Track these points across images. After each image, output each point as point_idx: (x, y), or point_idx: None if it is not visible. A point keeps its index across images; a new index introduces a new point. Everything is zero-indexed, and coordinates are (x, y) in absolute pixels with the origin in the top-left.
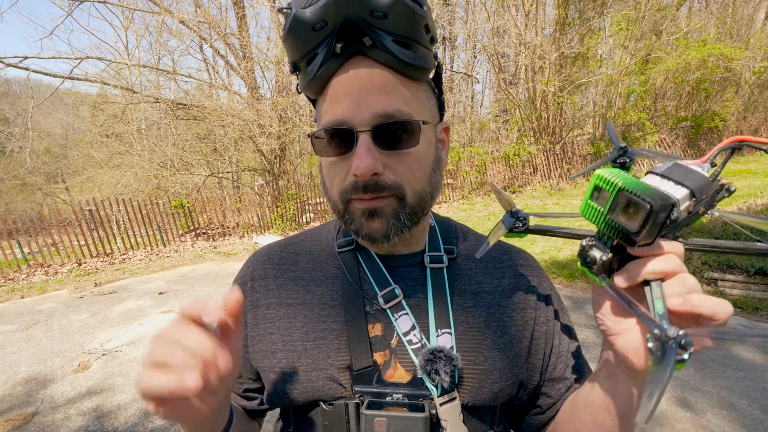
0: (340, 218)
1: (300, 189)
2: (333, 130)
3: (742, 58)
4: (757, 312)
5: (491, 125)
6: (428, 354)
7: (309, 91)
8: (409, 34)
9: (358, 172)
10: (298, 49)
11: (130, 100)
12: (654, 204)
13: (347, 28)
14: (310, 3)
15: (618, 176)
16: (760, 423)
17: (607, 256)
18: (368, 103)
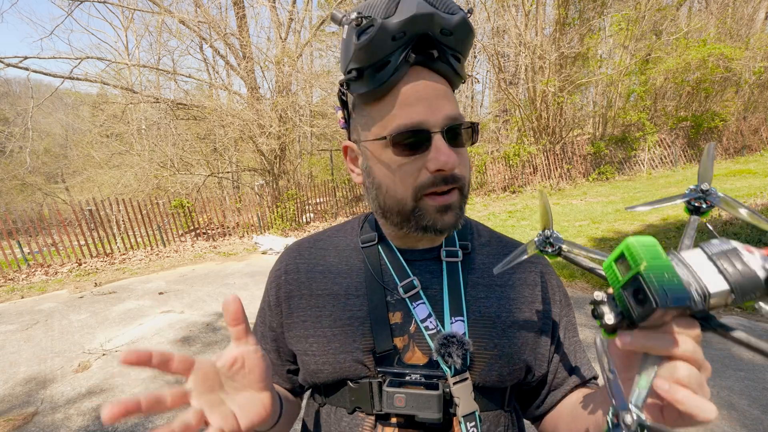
0: (403, 216)
1: (300, 189)
2: (410, 131)
3: (742, 58)
4: (757, 312)
5: (491, 125)
6: (442, 339)
7: (368, 96)
8: (463, 50)
9: (446, 166)
10: (374, 55)
11: (130, 100)
12: (661, 303)
13: (422, 40)
14: (389, 14)
15: (647, 255)
16: (760, 423)
17: (611, 320)
18: (439, 107)
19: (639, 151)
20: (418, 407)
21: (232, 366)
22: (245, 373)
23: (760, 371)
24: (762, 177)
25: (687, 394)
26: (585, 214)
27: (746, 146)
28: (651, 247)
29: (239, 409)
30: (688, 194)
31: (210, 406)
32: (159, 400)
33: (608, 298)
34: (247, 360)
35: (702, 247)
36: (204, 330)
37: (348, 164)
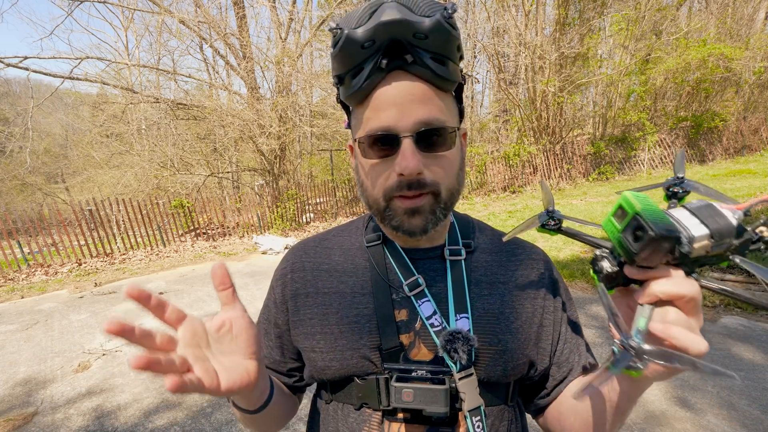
0: (380, 215)
1: (300, 189)
2: (379, 135)
3: (742, 58)
4: (757, 312)
5: (491, 125)
6: (448, 335)
7: (350, 100)
8: (444, 52)
9: (405, 171)
10: (346, 64)
11: (130, 100)
12: (657, 232)
13: (392, 46)
14: (360, 24)
15: (641, 202)
16: (760, 423)
17: (613, 269)
18: (411, 111)
19: (639, 151)
20: (425, 402)
21: (219, 329)
22: (232, 337)
23: (760, 371)
24: (762, 177)
25: (679, 330)
26: (585, 214)
27: (746, 146)
28: (644, 198)
29: (222, 370)
30: (668, 181)
31: (194, 358)
32: (150, 335)
33: (608, 252)
34: (235, 324)
35: (685, 206)
36: None
37: (352, 162)
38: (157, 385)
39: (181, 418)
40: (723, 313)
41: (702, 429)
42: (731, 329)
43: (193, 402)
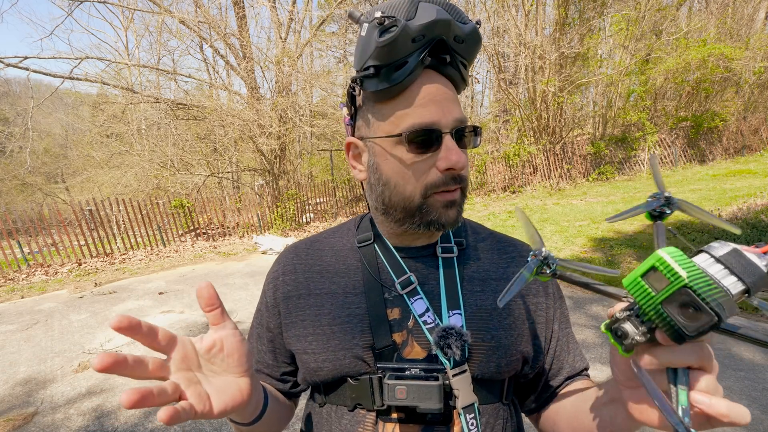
0: (411, 211)
1: (300, 189)
2: (425, 131)
3: (742, 58)
4: (757, 312)
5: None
6: (441, 331)
7: (382, 94)
8: (470, 58)
9: (457, 166)
10: (392, 55)
11: (130, 100)
12: (722, 316)
13: (438, 45)
14: (410, 17)
15: (682, 264)
16: (760, 423)
17: (642, 337)
18: (450, 109)
19: (639, 151)
20: (419, 398)
21: (210, 350)
22: (224, 356)
23: (760, 371)
24: (762, 177)
25: (723, 402)
26: (585, 214)
27: (746, 146)
28: (682, 257)
29: (214, 392)
30: (654, 203)
31: (187, 383)
32: (142, 363)
33: (633, 314)
34: (226, 343)
35: (708, 251)
36: (204, 330)
37: (350, 161)
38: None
39: None
40: None
41: None
42: None
43: None
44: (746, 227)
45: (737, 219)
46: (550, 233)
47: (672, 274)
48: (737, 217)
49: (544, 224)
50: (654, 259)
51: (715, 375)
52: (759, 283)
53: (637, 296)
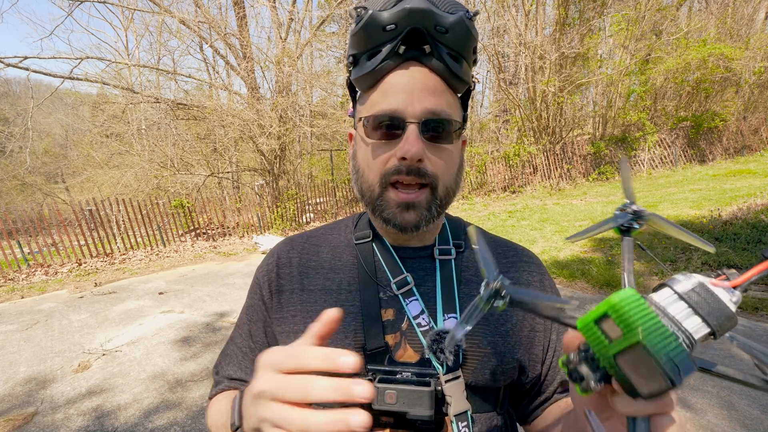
0: (372, 203)
1: (300, 189)
2: (385, 117)
3: (742, 58)
4: (757, 312)
5: (491, 125)
6: (435, 335)
7: (361, 82)
8: (461, 50)
9: (408, 154)
10: (365, 44)
11: (130, 100)
12: (677, 382)
13: (413, 34)
14: (386, 7)
15: (638, 314)
16: (760, 423)
17: (596, 385)
18: (421, 99)
19: (639, 151)
20: (409, 404)
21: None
22: None
23: None
24: (762, 177)
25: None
26: (585, 214)
27: (746, 146)
28: (637, 304)
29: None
30: (622, 217)
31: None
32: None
33: (586, 358)
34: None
35: (670, 286)
36: (204, 330)
37: (349, 151)
38: (157, 385)
39: (181, 418)
40: None
41: (702, 429)
42: None
43: (193, 402)
44: (746, 227)
45: (737, 219)
46: (550, 233)
47: (625, 326)
48: (737, 217)
49: (544, 224)
50: (606, 306)
51: (675, 413)
52: (725, 324)
53: (590, 342)
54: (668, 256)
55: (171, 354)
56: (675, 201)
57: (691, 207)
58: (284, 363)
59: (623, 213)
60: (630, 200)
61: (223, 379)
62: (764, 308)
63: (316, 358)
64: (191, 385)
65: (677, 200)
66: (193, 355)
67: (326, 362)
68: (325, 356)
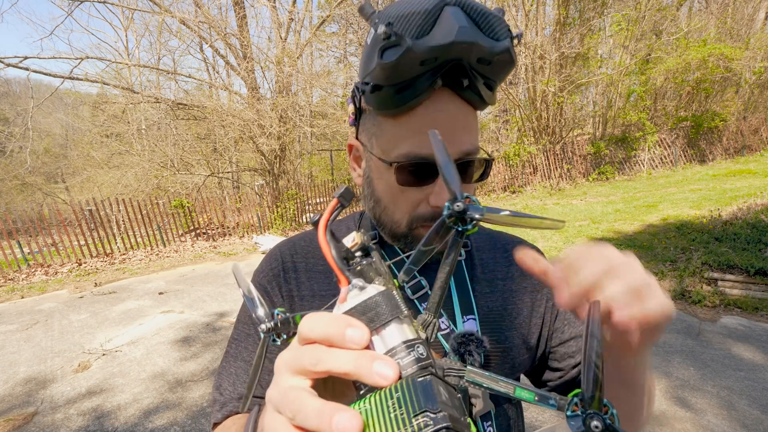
0: (394, 236)
1: (300, 189)
2: (420, 163)
3: (742, 58)
4: (757, 312)
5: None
6: (460, 338)
7: (385, 111)
8: (498, 78)
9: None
10: (396, 76)
11: (131, 100)
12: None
13: (453, 68)
14: (422, 33)
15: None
16: (760, 423)
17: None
18: (454, 140)
19: (639, 151)
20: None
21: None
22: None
23: (760, 371)
24: (762, 177)
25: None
26: (585, 214)
27: (746, 146)
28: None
29: None
30: (446, 217)
31: None
32: None
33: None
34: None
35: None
36: (204, 330)
37: (351, 162)
38: (157, 385)
39: (181, 418)
40: (723, 313)
41: (702, 429)
42: (731, 329)
43: (193, 402)
44: (746, 227)
45: (737, 219)
46: (550, 233)
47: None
48: (737, 217)
49: None
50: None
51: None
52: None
53: None
54: (668, 256)
55: (171, 354)
56: (675, 201)
57: (691, 207)
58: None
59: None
60: (454, 195)
61: (231, 400)
62: (764, 308)
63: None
64: (191, 385)
65: (677, 200)
66: (193, 355)
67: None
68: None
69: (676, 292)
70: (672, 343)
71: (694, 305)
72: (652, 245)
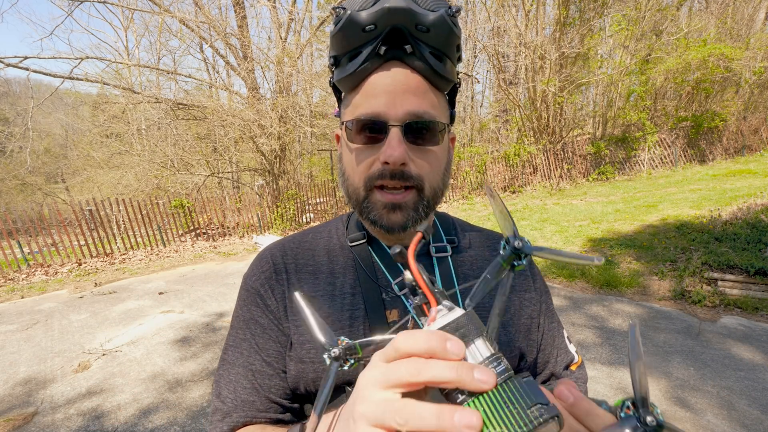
0: (358, 205)
1: (300, 189)
2: (367, 121)
3: (742, 58)
4: (757, 312)
5: (491, 125)
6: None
7: (343, 84)
8: (444, 49)
9: (390, 159)
10: (345, 45)
11: (131, 101)
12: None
13: (393, 34)
14: (365, 7)
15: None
16: (760, 423)
17: None
18: (403, 101)
19: (639, 151)
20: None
21: None
22: None
23: (760, 371)
24: (762, 177)
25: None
26: (585, 214)
27: (746, 146)
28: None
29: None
30: (506, 256)
31: None
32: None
33: None
34: None
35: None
36: (204, 330)
37: (338, 152)
38: (156, 385)
39: (181, 418)
40: (723, 313)
41: (702, 429)
42: (731, 329)
43: (193, 402)
44: (746, 227)
45: (737, 219)
46: (550, 233)
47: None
48: (737, 217)
49: (544, 224)
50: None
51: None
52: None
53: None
54: (668, 256)
55: (171, 354)
56: (675, 201)
57: (691, 207)
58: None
59: (506, 249)
60: (510, 234)
61: (234, 409)
62: (764, 308)
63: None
64: (191, 385)
65: (677, 200)
66: (192, 355)
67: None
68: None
69: (676, 292)
70: (672, 343)
71: (694, 305)
72: (652, 245)
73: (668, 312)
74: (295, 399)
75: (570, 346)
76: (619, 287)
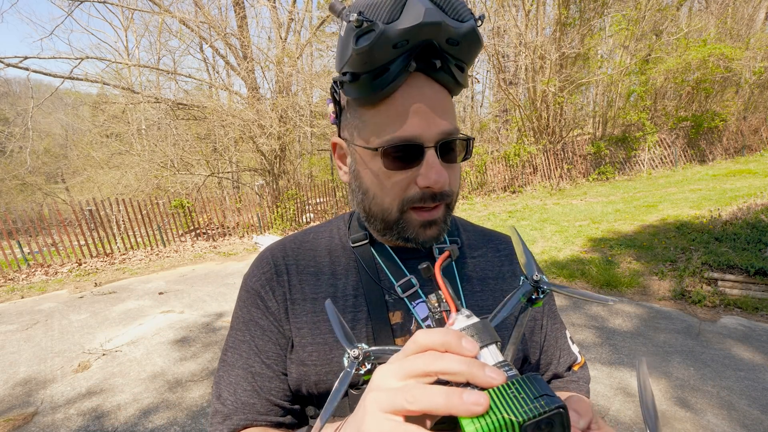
0: (388, 225)
1: (300, 189)
2: (404, 146)
3: (742, 58)
4: (757, 312)
5: (491, 125)
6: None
7: (364, 101)
8: (468, 60)
9: (436, 186)
10: (372, 62)
11: (131, 101)
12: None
13: (426, 49)
14: (392, 19)
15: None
16: (760, 423)
17: None
18: (434, 121)
19: (639, 151)
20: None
21: None
22: None
23: (760, 371)
24: (762, 177)
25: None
26: (585, 214)
27: (746, 146)
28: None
29: None
30: (526, 290)
31: None
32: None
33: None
34: None
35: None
36: (203, 330)
37: (336, 161)
38: (156, 384)
39: (181, 418)
40: (723, 313)
41: (702, 429)
42: (731, 329)
43: (193, 402)
44: (746, 227)
45: (737, 219)
46: (550, 233)
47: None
48: (737, 217)
49: (544, 224)
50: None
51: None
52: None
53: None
54: (668, 256)
55: (171, 354)
56: (675, 201)
57: (691, 207)
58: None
59: (526, 283)
60: (530, 273)
61: (235, 411)
62: (764, 308)
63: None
64: (191, 385)
65: (677, 200)
66: (192, 355)
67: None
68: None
69: (676, 292)
70: (672, 343)
71: (694, 305)
72: (652, 245)
73: (668, 312)
74: (296, 401)
75: (573, 346)
76: (619, 287)
